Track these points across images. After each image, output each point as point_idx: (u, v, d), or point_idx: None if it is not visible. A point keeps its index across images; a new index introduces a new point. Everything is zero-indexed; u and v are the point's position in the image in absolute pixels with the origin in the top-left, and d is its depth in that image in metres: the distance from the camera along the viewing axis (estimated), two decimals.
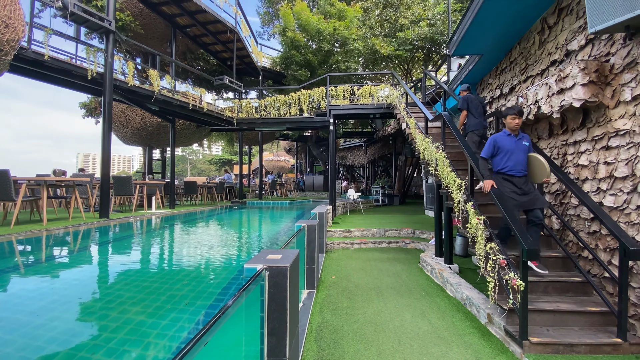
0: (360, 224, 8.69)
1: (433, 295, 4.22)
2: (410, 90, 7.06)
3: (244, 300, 2.08)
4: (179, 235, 5.41)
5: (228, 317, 1.55)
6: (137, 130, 9.67)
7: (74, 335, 2.07)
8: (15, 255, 3.63)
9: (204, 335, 1.29)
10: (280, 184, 15.53)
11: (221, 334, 1.99)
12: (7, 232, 4.28)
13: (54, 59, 5.27)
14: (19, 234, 4.19)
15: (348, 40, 10.68)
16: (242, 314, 2.11)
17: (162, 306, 2.53)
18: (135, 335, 2.11)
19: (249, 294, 2.01)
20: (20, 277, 3.01)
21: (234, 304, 1.90)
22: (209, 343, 1.30)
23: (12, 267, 3.21)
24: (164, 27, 9.64)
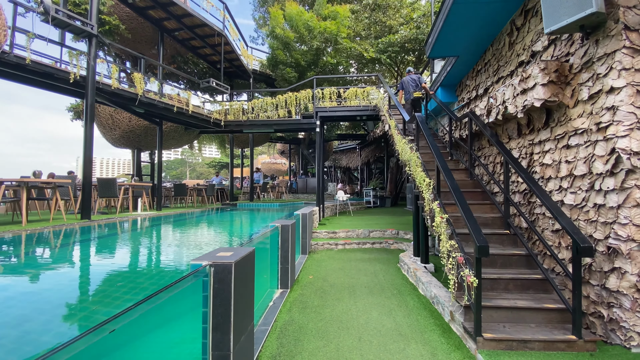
0: (347, 225, 8.72)
1: (405, 294, 4.24)
2: (392, 92, 7.12)
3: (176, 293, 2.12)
4: (153, 236, 5.44)
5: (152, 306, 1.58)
6: (124, 133, 9.73)
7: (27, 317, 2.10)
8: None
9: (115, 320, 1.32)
10: (272, 186, 15.57)
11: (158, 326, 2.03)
12: None
13: (36, 62, 5.33)
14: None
15: (338, 38, 10.75)
16: (183, 308, 2.14)
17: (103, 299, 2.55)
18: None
19: (189, 288, 2.04)
20: None
21: (163, 295, 1.94)
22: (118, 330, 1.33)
23: None
24: (152, 31, 9.73)
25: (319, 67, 11.31)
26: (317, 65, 11.32)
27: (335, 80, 11.67)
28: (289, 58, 11.03)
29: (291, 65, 11.06)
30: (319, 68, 11.30)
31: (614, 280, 2.66)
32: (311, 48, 10.95)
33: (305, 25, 10.59)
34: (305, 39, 10.94)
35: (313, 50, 10.92)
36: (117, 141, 10.11)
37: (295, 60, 10.99)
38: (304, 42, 11.29)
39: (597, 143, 2.86)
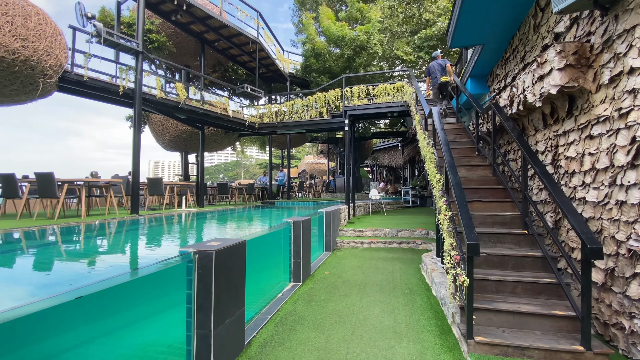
0: (376, 224, 8.61)
1: (415, 294, 4.12)
2: (418, 87, 6.88)
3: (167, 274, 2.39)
4: (182, 228, 5.98)
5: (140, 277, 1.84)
6: (172, 137, 10.81)
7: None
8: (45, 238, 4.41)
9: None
10: (310, 186, 15.89)
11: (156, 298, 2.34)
12: (50, 223, 5.20)
13: (92, 78, 6.24)
14: (58, 225, 5.07)
15: (369, 45, 10.64)
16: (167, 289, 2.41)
17: None
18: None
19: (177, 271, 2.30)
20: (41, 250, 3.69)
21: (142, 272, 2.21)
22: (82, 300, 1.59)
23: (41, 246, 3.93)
24: (194, 43, 10.66)
25: (352, 71, 11.30)
26: (351, 69, 11.33)
27: (366, 78, 11.55)
28: (321, 65, 11.21)
29: (324, 72, 11.24)
30: (352, 71, 11.30)
31: (635, 287, 2.34)
32: (343, 55, 11.01)
33: (337, 36, 10.69)
34: (338, 44, 11.04)
35: (345, 57, 10.97)
36: (167, 145, 11.27)
37: (327, 67, 11.14)
38: (337, 46, 11.39)
39: (619, 132, 2.54)
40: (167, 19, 8.84)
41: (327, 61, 11.28)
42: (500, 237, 3.48)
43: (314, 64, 11.36)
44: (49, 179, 5.31)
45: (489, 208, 3.96)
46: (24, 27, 4.60)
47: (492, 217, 3.75)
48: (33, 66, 4.78)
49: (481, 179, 4.52)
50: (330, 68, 11.32)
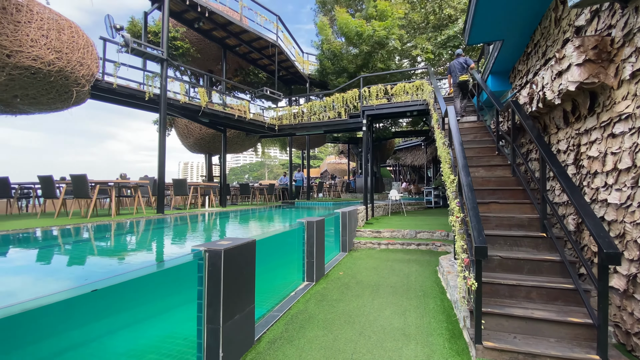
0: (395, 225, 8.51)
1: (429, 296, 4.06)
2: (437, 85, 6.74)
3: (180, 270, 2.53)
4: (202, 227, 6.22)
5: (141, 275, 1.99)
6: (197, 140, 11.26)
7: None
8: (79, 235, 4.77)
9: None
10: (330, 186, 15.93)
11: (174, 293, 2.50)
12: (83, 221, 5.61)
13: (121, 86, 6.65)
14: (89, 223, 5.46)
15: (388, 40, 10.52)
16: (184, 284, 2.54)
17: None
18: None
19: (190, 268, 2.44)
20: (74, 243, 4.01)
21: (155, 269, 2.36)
22: None
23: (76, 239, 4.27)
24: (217, 49, 11.04)
25: (370, 69, 11.23)
26: (368, 67, 11.25)
27: (385, 77, 11.42)
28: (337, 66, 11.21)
29: (340, 72, 11.24)
30: (370, 70, 11.23)
31: None
32: (361, 52, 10.95)
33: (354, 32, 10.65)
34: (356, 42, 11.00)
35: (363, 54, 10.91)
36: (192, 147, 11.76)
37: (343, 67, 11.13)
38: (355, 46, 11.36)
39: None
40: (190, 27, 9.24)
41: (342, 61, 11.26)
42: (516, 240, 3.36)
43: (329, 67, 11.40)
44: (83, 180, 5.74)
45: (506, 209, 3.83)
46: (58, 40, 5.02)
47: (509, 219, 3.63)
48: (67, 76, 5.20)
49: (500, 180, 4.37)
50: (346, 68, 11.30)
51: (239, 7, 9.68)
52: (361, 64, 11.26)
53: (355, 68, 11.38)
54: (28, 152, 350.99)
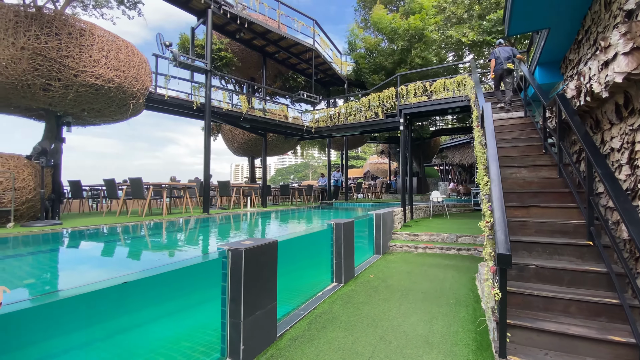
0: (435, 228, 8.16)
1: (462, 305, 3.87)
2: (477, 80, 6.34)
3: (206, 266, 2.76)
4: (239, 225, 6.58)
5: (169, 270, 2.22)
6: (240, 144, 11.94)
7: None
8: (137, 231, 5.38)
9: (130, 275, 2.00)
10: (369, 186, 15.74)
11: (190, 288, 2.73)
12: (139, 219, 6.30)
13: (171, 97, 7.34)
14: (143, 221, 6.11)
15: (425, 32, 10.11)
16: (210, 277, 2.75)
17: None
18: None
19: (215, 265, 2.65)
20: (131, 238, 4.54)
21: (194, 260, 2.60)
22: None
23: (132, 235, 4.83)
24: (257, 57, 11.58)
25: (408, 65, 10.89)
26: (407, 63, 10.92)
27: (425, 74, 10.97)
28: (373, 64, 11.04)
29: (376, 70, 11.06)
30: (408, 65, 10.89)
31: None
32: (397, 48, 10.68)
33: (389, 28, 10.43)
34: (392, 39, 10.76)
35: (399, 50, 10.62)
36: (236, 151, 12.49)
37: (380, 64, 10.93)
38: (392, 41, 11.11)
39: None
40: (232, 38, 9.83)
41: (379, 57, 11.06)
42: (557, 248, 3.07)
43: (364, 66, 11.29)
44: (139, 183, 6.45)
45: (548, 214, 3.51)
46: (116, 59, 5.73)
47: (551, 224, 3.32)
48: (125, 91, 5.90)
49: (544, 181, 4.01)
50: (383, 65, 11.08)
51: (276, 15, 10.06)
52: (398, 60, 10.97)
53: (393, 65, 11.12)
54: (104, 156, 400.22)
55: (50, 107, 5.70)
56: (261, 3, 9.44)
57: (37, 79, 5.22)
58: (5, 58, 5.08)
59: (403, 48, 10.57)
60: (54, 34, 5.31)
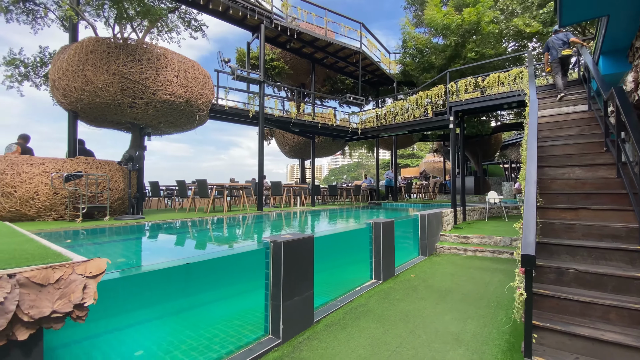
0: (488, 231, 7.77)
1: (502, 308, 3.79)
2: (532, 74, 5.92)
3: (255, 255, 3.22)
4: (287, 221, 7.08)
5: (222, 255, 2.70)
6: (292, 147, 12.66)
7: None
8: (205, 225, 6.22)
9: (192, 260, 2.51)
10: (421, 186, 15.30)
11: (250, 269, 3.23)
12: (203, 215, 7.21)
13: (231, 107, 8.21)
14: (207, 217, 6.99)
15: (480, 25, 9.57)
16: (258, 266, 3.20)
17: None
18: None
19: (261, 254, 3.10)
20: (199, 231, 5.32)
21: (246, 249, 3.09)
22: None
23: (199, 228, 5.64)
24: (306, 63, 12.16)
25: (462, 60, 10.41)
26: (461, 57, 10.45)
27: (478, 67, 10.37)
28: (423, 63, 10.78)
29: (427, 69, 10.78)
30: (463, 60, 10.41)
31: None
32: (450, 45, 10.29)
33: (441, 25, 10.10)
34: (444, 34, 10.41)
35: (451, 47, 10.22)
36: (288, 153, 13.26)
37: (430, 63, 10.64)
38: (444, 37, 10.74)
39: None
40: (283, 48, 10.52)
41: (431, 56, 10.77)
42: (605, 253, 2.90)
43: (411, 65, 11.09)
44: (204, 184, 7.40)
45: (599, 217, 3.29)
46: (185, 77, 6.67)
47: (600, 228, 3.13)
48: (192, 104, 6.83)
49: (599, 182, 3.72)
50: (433, 63, 10.76)
51: (324, 23, 10.48)
52: (451, 56, 10.57)
53: (444, 61, 10.75)
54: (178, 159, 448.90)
55: (135, 120, 6.88)
56: (309, 13, 9.95)
57: (125, 98, 6.36)
58: (101, 82, 6.29)
59: (456, 43, 10.17)
60: (137, 60, 6.40)
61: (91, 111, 6.57)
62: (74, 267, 1.69)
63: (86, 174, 5.98)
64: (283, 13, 9.43)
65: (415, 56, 11.27)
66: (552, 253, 3.04)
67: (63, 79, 6.29)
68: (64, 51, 6.57)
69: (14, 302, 1.51)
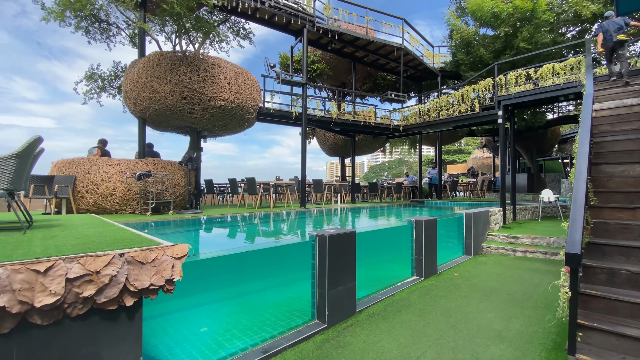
0: (541, 231, 7.35)
1: (551, 310, 3.69)
2: (590, 64, 5.50)
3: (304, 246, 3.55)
4: (328, 217, 7.34)
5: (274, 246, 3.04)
6: (332, 145, 12.94)
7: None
8: (254, 218, 6.75)
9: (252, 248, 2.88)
10: (467, 184, 14.67)
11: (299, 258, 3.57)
12: (252, 211, 7.78)
13: (276, 110, 8.70)
14: (256, 212, 7.54)
15: (535, 13, 8.92)
16: (306, 256, 3.50)
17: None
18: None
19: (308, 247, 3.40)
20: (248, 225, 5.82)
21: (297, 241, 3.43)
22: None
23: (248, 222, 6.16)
24: (347, 63, 12.31)
25: (514, 50, 9.80)
26: (512, 48, 9.84)
27: (530, 58, 9.67)
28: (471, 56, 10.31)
29: (474, 64, 10.30)
30: (514, 51, 9.79)
31: None
32: (498, 37, 9.74)
33: (490, 14, 9.61)
34: (494, 25, 9.88)
35: (502, 37, 9.66)
36: (328, 151, 13.57)
37: (479, 57, 10.14)
38: (494, 28, 10.20)
39: None
40: (324, 50, 10.81)
41: (479, 49, 10.28)
42: None
43: (463, 58, 10.63)
44: (253, 181, 7.98)
45: None
46: (236, 84, 7.26)
47: None
48: (242, 108, 7.41)
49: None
50: (482, 57, 10.26)
51: (365, 21, 10.55)
52: (500, 49, 10.01)
53: (494, 54, 10.21)
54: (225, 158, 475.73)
55: (193, 125, 7.64)
56: (350, 14, 10.10)
57: (185, 105, 7.10)
58: (165, 92, 7.08)
59: (506, 34, 9.62)
60: (195, 70, 7.10)
61: (157, 117, 7.43)
62: (164, 250, 2.11)
63: (154, 174, 6.81)
64: (324, 15, 9.70)
65: (463, 48, 10.83)
66: (605, 254, 2.94)
67: (134, 90, 7.20)
68: (134, 65, 7.49)
69: (123, 275, 1.95)
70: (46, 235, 2.61)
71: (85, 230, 2.92)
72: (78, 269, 1.78)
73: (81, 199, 6.44)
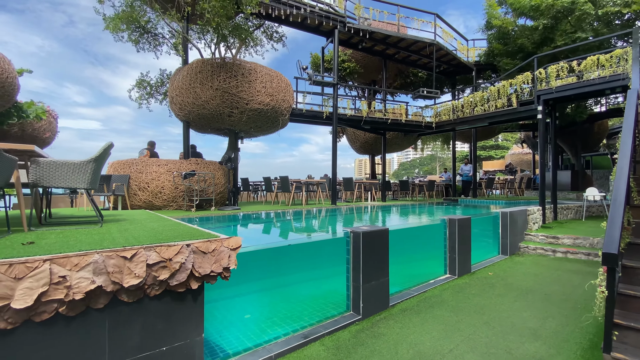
0: (584, 231, 7.01)
1: (589, 311, 3.61)
2: (637, 55, 5.16)
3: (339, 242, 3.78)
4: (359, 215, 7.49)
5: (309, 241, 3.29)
6: (362, 143, 13.02)
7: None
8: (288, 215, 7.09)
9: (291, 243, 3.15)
10: (504, 182, 14.09)
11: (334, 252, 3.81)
12: (286, 208, 8.14)
13: (308, 110, 8.99)
14: (289, 209, 7.88)
15: (575, 5, 8.37)
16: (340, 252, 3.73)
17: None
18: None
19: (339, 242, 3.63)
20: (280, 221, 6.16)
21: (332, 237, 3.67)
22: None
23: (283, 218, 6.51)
24: (377, 61, 12.29)
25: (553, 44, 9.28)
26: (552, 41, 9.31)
27: (572, 50, 9.09)
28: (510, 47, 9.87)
29: (514, 53, 9.86)
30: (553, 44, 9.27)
31: None
32: (538, 27, 9.27)
33: (528, 6, 9.17)
34: (533, 17, 9.43)
35: (541, 29, 9.18)
36: (358, 150, 13.66)
37: (519, 46, 9.70)
38: (532, 19, 9.73)
39: None
40: (355, 49, 10.91)
41: (517, 40, 9.83)
42: None
43: (498, 48, 10.21)
44: (286, 180, 8.34)
45: None
46: (271, 87, 7.62)
47: None
48: (276, 110, 7.77)
49: None
50: (523, 47, 9.78)
51: (396, 19, 10.50)
52: (539, 41, 9.53)
53: (533, 46, 9.74)
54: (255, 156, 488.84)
55: (231, 127, 8.12)
56: (381, 12, 10.11)
57: (225, 109, 7.58)
58: (207, 97, 7.59)
59: (545, 27, 9.15)
60: (233, 75, 7.55)
61: (199, 121, 8.00)
62: (222, 242, 2.43)
63: (198, 173, 7.36)
64: (355, 15, 9.80)
65: (501, 38, 10.40)
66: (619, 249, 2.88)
67: (179, 95, 7.80)
68: (179, 72, 8.10)
69: (190, 262, 2.28)
70: (120, 228, 3.05)
71: (150, 224, 3.35)
72: (155, 256, 2.13)
73: (134, 196, 7.12)
